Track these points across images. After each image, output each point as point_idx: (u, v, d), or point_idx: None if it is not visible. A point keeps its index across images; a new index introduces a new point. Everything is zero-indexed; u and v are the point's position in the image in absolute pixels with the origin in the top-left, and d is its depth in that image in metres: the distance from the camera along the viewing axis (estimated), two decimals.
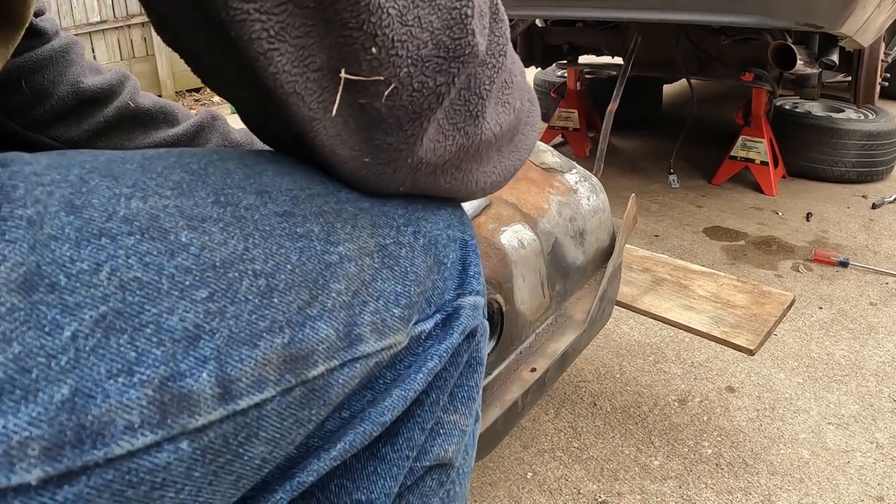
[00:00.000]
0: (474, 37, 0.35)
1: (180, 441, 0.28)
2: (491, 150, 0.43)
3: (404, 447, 0.42)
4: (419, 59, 0.34)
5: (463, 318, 0.43)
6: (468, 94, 0.38)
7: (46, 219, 0.28)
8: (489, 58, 0.38)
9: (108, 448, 0.26)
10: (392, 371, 0.40)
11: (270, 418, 0.32)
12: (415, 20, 0.33)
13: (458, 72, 0.36)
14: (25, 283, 0.26)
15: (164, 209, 0.31)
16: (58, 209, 0.28)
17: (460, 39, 0.35)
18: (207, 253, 0.31)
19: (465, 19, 0.34)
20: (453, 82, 0.36)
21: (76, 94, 0.70)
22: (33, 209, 0.28)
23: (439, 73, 0.35)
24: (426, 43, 0.34)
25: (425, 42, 0.34)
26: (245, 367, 0.30)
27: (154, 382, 0.27)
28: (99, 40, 4.79)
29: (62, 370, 0.25)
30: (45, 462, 0.24)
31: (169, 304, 0.29)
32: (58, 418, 0.25)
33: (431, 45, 0.34)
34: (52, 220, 0.28)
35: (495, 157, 0.44)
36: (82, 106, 0.71)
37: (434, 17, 0.34)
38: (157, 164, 0.34)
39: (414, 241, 0.41)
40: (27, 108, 0.69)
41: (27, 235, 0.27)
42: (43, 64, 0.68)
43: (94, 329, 0.27)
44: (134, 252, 0.29)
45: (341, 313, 0.35)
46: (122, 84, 0.75)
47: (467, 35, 0.35)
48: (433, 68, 0.35)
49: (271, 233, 0.34)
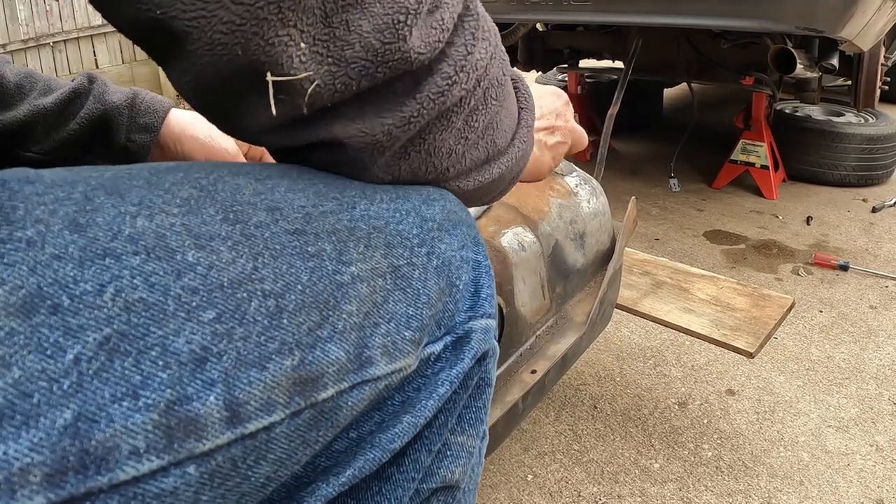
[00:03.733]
0: (406, 43, 0.34)
1: (187, 465, 0.27)
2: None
3: (411, 469, 0.41)
4: (342, 59, 0.34)
5: (474, 342, 0.42)
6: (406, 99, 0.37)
7: (48, 238, 0.27)
8: (444, 67, 0.37)
9: (113, 474, 0.25)
10: (401, 393, 0.39)
11: (279, 441, 0.31)
12: (341, 23, 0.33)
13: (385, 76, 0.35)
14: (25, 305, 0.25)
15: (170, 227, 0.30)
16: (61, 228, 0.28)
17: (391, 45, 0.34)
18: (215, 273, 0.30)
19: (398, 25, 0.34)
20: (379, 85, 0.35)
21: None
22: (33, 230, 0.27)
23: (364, 76, 0.34)
24: (352, 45, 0.33)
25: (351, 44, 0.33)
26: (254, 389, 0.30)
27: (160, 406, 0.27)
28: (100, 43, 4.81)
29: (64, 394, 0.25)
30: (48, 489, 0.24)
31: (175, 326, 0.28)
32: (60, 444, 0.24)
33: (359, 46, 0.34)
34: (55, 238, 0.27)
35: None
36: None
37: (364, 22, 0.33)
38: (166, 179, 0.33)
39: (427, 262, 0.40)
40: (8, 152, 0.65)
41: (27, 258, 0.26)
42: (9, 127, 0.63)
43: (97, 352, 0.26)
44: (139, 272, 0.28)
45: (352, 335, 0.34)
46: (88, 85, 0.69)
47: (398, 41, 0.34)
48: (358, 70, 0.34)
49: (282, 252, 0.33)
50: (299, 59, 0.33)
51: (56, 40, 4.59)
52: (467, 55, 0.38)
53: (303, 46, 0.33)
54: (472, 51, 0.38)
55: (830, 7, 1.47)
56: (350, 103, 0.36)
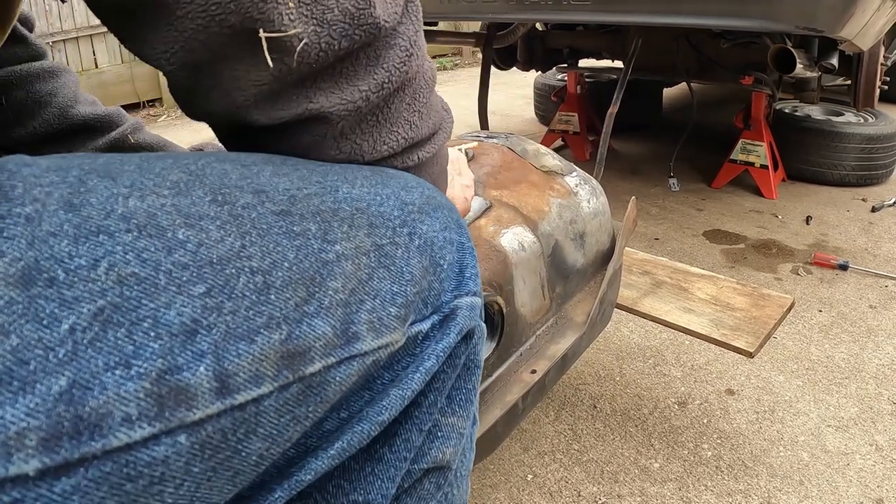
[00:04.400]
0: (374, 10, 0.38)
1: (178, 434, 0.28)
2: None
3: (402, 448, 0.42)
4: (325, 21, 0.36)
5: (460, 318, 0.43)
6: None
7: (45, 216, 0.28)
8: (400, 42, 0.42)
9: (106, 440, 0.26)
10: (390, 371, 0.40)
11: (268, 414, 0.32)
12: None
13: (361, 39, 0.38)
14: (24, 277, 0.26)
15: (161, 207, 0.31)
16: (56, 208, 0.29)
17: (363, 10, 0.38)
18: (204, 250, 0.31)
19: None
20: (350, 56, 0.39)
21: (64, 119, 0.66)
22: (31, 207, 0.28)
23: (344, 37, 0.38)
24: (332, 9, 0.37)
25: (330, 8, 0.37)
26: (242, 361, 0.31)
27: (151, 375, 0.28)
28: (100, 43, 4.80)
29: (60, 362, 0.26)
30: (43, 453, 0.24)
31: (166, 299, 0.29)
32: (55, 409, 0.25)
33: (337, 10, 0.37)
34: (51, 217, 0.28)
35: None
36: (71, 134, 0.67)
37: None
38: (156, 165, 0.34)
39: (409, 241, 0.41)
40: (5, 127, 0.64)
41: (25, 232, 0.27)
42: (27, 80, 0.64)
43: (91, 322, 0.27)
44: (132, 248, 0.29)
45: (338, 311, 0.36)
46: (121, 118, 0.71)
47: (368, 7, 0.38)
48: (339, 32, 0.37)
49: (268, 231, 0.34)
50: (288, 16, 0.35)
51: (56, 40, 4.58)
52: (416, 33, 0.43)
53: (291, 5, 0.35)
54: (418, 30, 0.43)
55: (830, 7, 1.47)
56: (327, 78, 0.39)
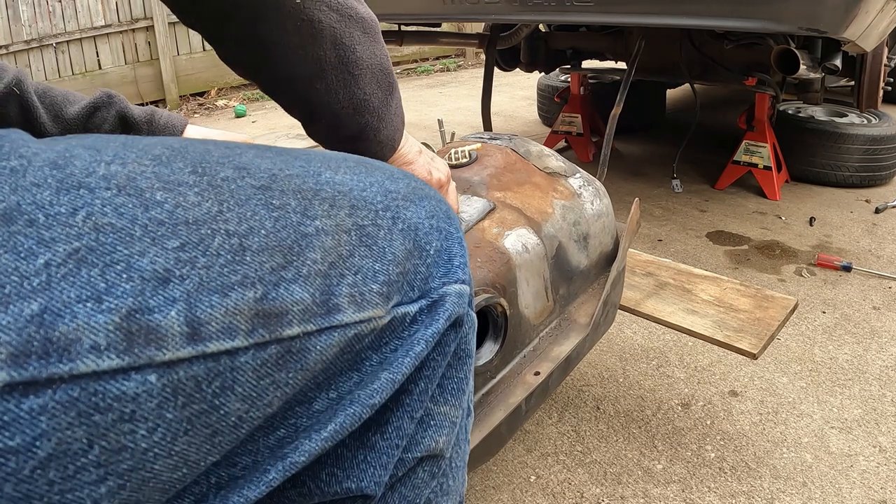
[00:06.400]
0: None
1: (148, 373, 0.29)
2: None
3: (394, 436, 0.42)
4: None
5: (448, 304, 0.44)
6: None
7: (29, 171, 0.30)
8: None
9: (74, 364, 0.27)
10: (378, 353, 0.41)
11: (245, 372, 0.33)
12: None
13: None
14: (5, 215, 0.28)
15: (141, 174, 0.33)
16: (41, 165, 0.31)
17: None
18: (181, 211, 0.33)
19: None
20: None
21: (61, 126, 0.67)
22: (17, 161, 0.30)
23: None
24: None
25: None
26: (215, 312, 0.32)
27: (122, 311, 0.29)
28: (103, 44, 4.82)
29: (33, 290, 0.27)
30: (11, 367, 0.26)
31: (140, 248, 0.31)
32: (26, 329, 0.26)
33: None
34: (35, 172, 0.30)
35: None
36: None
37: None
38: (140, 142, 0.36)
39: (392, 224, 0.42)
40: None
41: (10, 180, 0.29)
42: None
43: (66, 260, 0.28)
44: (110, 203, 0.31)
45: (317, 280, 0.37)
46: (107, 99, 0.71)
47: None
48: None
49: (246, 201, 0.36)
50: None
51: (59, 41, 4.59)
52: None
53: None
54: None
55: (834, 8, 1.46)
56: None
